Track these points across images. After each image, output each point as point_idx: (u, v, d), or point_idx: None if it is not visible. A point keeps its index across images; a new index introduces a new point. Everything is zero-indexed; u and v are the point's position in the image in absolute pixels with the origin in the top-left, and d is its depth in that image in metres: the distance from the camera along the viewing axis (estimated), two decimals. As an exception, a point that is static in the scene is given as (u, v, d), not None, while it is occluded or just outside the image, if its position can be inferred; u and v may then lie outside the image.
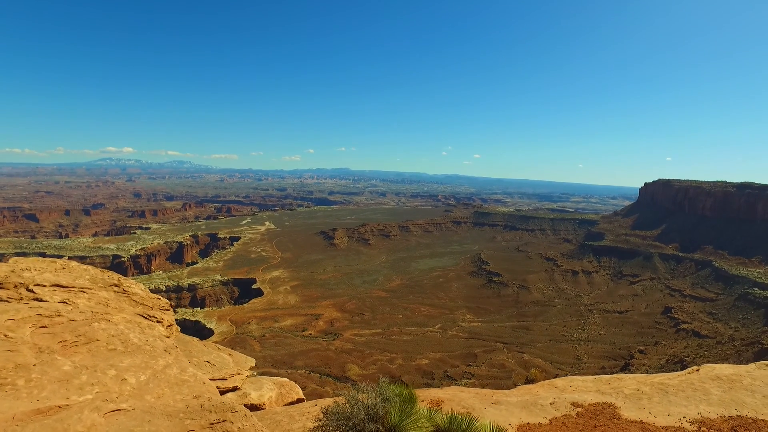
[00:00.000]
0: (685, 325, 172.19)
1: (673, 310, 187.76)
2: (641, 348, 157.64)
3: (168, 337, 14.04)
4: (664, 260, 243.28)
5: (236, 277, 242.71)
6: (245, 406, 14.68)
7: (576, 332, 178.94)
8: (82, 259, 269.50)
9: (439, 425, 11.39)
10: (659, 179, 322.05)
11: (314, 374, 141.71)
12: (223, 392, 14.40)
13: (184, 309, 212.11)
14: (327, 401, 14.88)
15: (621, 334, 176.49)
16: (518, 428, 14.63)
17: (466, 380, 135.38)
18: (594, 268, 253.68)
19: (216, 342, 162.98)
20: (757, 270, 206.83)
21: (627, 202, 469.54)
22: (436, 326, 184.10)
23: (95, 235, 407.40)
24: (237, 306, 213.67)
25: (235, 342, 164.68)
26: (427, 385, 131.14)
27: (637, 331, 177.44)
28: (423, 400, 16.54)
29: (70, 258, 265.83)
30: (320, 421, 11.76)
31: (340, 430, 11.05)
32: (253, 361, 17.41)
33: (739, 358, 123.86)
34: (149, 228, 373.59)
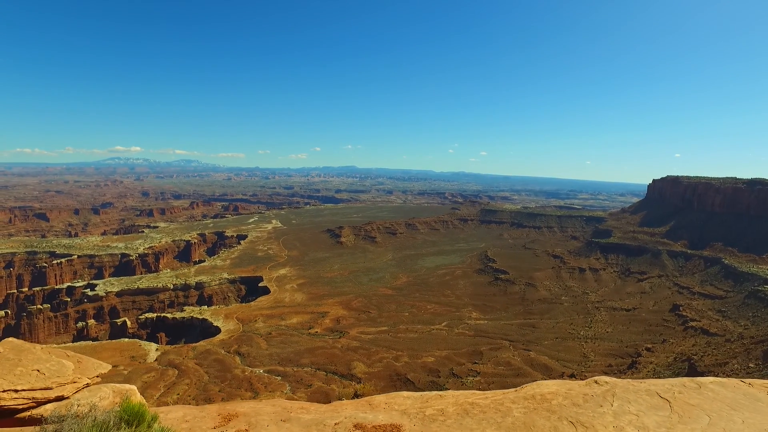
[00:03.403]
0: (693, 323, 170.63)
1: (681, 308, 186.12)
2: (648, 346, 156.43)
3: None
4: (672, 257, 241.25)
5: (243, 275, 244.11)
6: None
7: (583, 330, 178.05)
8: (90, 258, 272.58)
9: None
10: (668, 176, 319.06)
11: (320, 372, 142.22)
12: (40, 403, 13.99)
13: (191, 307, 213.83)
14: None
15: (628, 331, 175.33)
16: None
17: (471, 378, 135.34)
18: (601, 265, 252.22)
19: (223, 339, 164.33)
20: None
21: (635, 199, 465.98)
22: (443, 324, 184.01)
23: (104, 233, 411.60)
24: (244, 304, 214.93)
25: (241, 340, 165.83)
26: (433, 383, 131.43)
27: (645, 329, 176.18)
28: (219, 414, 16.63)
29: (79, 257, 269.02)
30: None
31: None
32: (107, 367, 16.94)
33: (748, 356, 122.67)
34: (157, 227, 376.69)
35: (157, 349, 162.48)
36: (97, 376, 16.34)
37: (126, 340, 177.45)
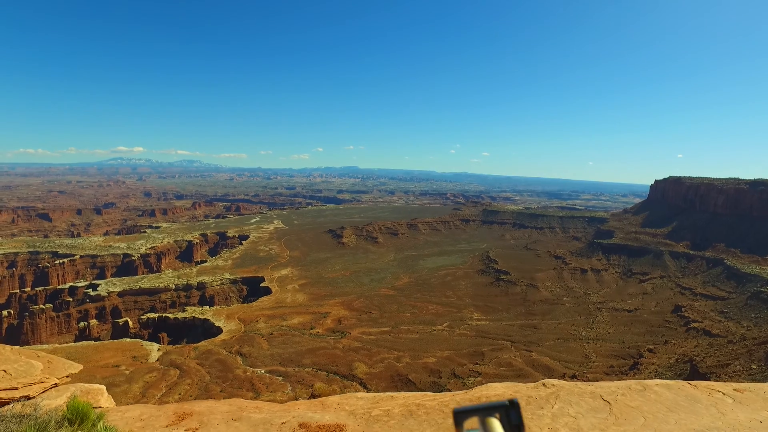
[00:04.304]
0: (695, 324, 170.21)
1: (683, 309, 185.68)
2: (650, 347, 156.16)
3: None
4: (674, 258, 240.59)
5: (245, 276, 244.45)
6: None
7: (584, 331, 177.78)
8: (93, 258, 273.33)
9: None
10: (670, 176, 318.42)
11: (321, 372, 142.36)
12: (4, 402, 14.08)
13: (193, 307, 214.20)
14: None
15: (630, 332, 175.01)
16: None
17: (473, 379, 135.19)
18: (603, 266, 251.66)
19: (224, 340, 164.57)
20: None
21: (637, 200, 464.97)
22: (444, 324, 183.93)
23: (106, 234, 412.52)
24: (245, 304, 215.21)
25: (243, 340, 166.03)
26: (435, 384, 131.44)
27: (647, 330, 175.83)
28: (175, 413, 16.80)
29: (82, 257, 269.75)
30: None
31: None
32: (77, 367, 16.91)
33: (751, 358, 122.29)
34: (159, 227, 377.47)
35: (158, 349, 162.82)
36: (67, 376, 16.35)
37: (128, 340, 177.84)
